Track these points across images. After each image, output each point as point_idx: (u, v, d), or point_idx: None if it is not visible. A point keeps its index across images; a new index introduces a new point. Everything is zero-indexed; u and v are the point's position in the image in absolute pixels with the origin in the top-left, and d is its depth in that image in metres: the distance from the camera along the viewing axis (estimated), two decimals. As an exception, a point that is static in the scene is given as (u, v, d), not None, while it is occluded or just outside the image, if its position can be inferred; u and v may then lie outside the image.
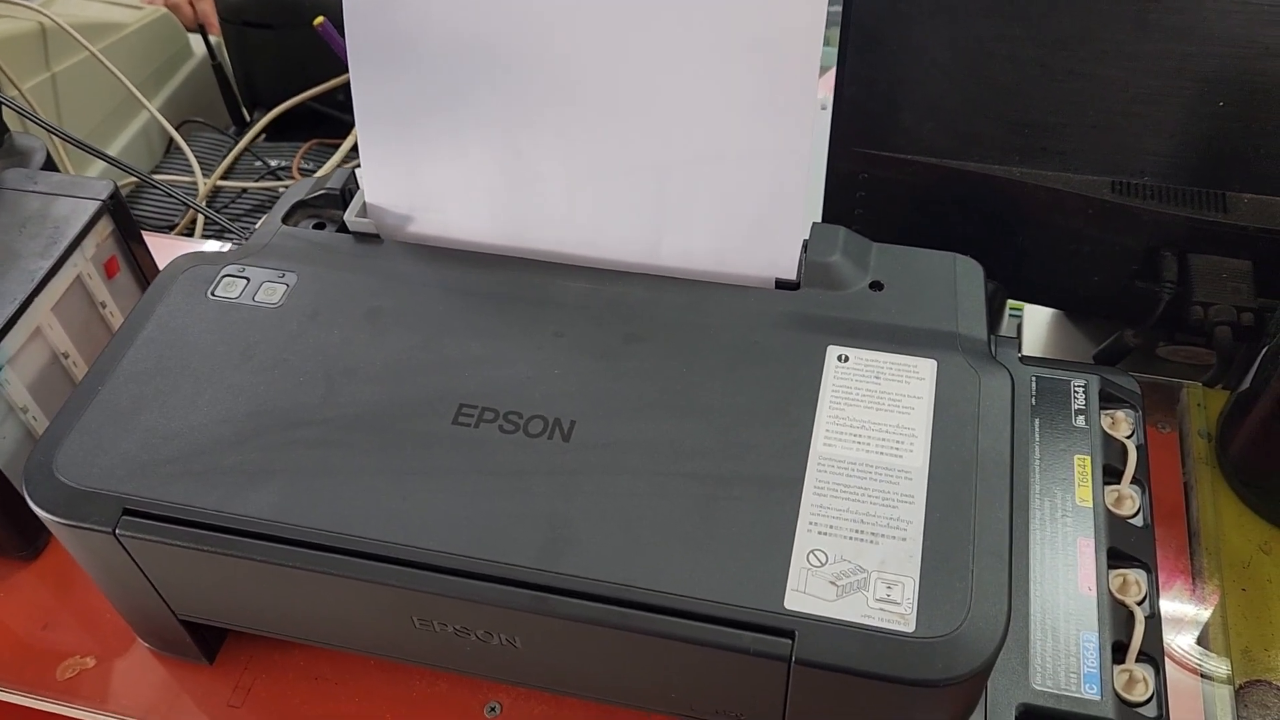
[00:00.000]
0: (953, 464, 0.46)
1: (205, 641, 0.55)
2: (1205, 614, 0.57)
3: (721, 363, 0.50)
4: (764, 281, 0.54)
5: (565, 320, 0.52)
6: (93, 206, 0.62)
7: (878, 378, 0.49)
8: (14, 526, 0.59)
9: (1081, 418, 0.54)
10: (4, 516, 0.58)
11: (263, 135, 1.14)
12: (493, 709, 0.54)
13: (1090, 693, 0.45)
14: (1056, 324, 0.81)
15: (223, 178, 1.07)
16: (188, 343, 0.52)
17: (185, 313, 0.54)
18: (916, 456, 0.46)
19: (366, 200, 0.57)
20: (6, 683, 0.56)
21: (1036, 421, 0.54)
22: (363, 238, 0.58)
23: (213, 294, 0.54)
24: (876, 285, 0.53)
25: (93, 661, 0.57)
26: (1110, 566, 0.49)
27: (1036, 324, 0.82)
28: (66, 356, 0.61)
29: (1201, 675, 0.54)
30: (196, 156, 1.08)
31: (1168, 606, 0.56)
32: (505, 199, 0.56)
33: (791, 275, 0.54)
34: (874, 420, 0.47)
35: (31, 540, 0.60)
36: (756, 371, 0.49)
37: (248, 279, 0.55)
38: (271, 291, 0.54)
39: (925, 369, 0.49)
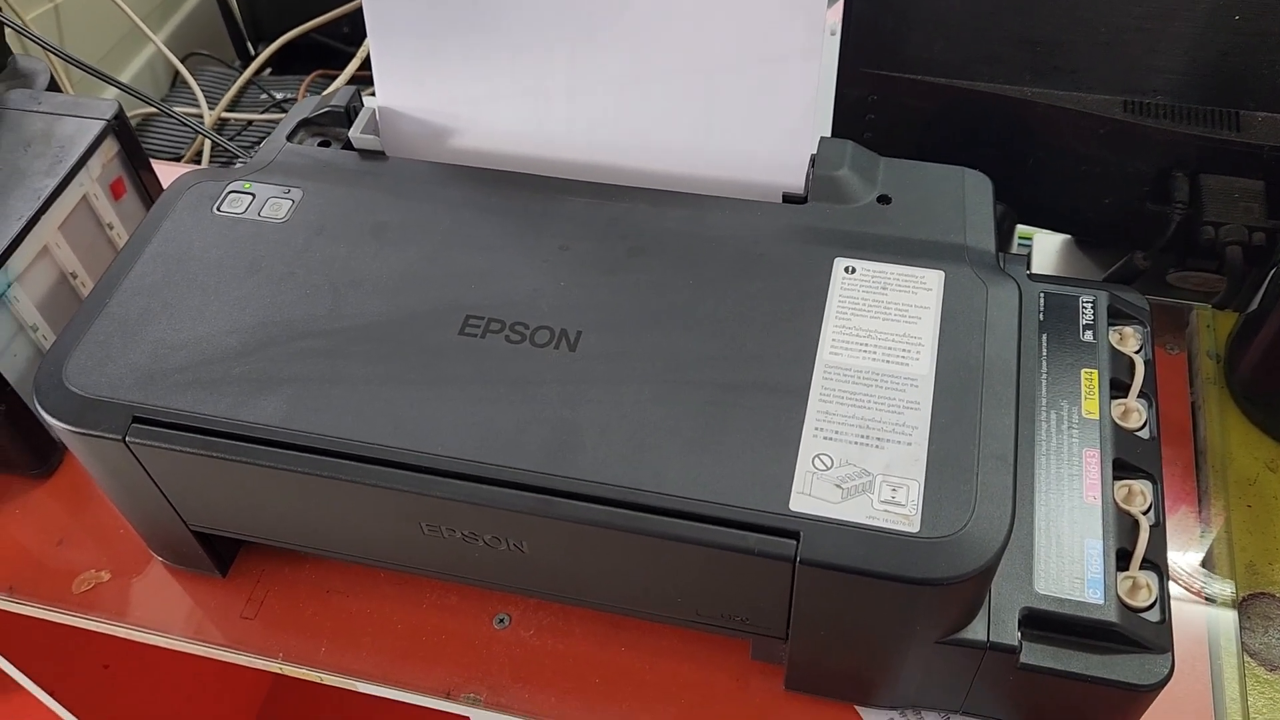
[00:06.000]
0: (959, 371, 0.46)
1: (218, 554, 0.55)
2: (1210, 536, 0.57)
3: (727, 274, 0.50)
4: (771, 194, 0.54)
5: (570, 234, 0.52)
6: (98, 126, 0.61)
7: (885, 288, 0.49)
8: (27, 443, 0.59)
9: (1090, 332, 0.54)
10: (17, 433, 0.58)
11: (268, 69, 1.13)
12: (501, 620, 0.55)
13: (1094, 597, 0.45)
14: (1065, 252, 0.80)
15: (228, 110, 1.06)
16: (194, 257, 0.52)
17: (191, 228, 0.54)
18: (923, 364, 0.46)
19: (379, 113, 0.57)
20: (23, 596, 0.57)
21: (1044, 337, 0.53)
22: (367, 155, 0.57)
23: (218, 209, 0.54)
24: (884, 199, 0.53)
25: (108, 576, 0.58)
26: (1116, 477, 0.49)
27: (1045, 253, 0.81)
28: (75, 277, 0.61)
29: (1205, 597, 0.55)
30: (201, 90, 1.07)
31: (1173, 528, 0.56)
32: (511, 113, 0.56)
33: (799, 188, 0.53)
34: (881, 329, 0.47)
35: (45, 458, 0.61)
36: (763, 283, 0.49)
37: (253, 195, 0.55)
38: (277, 207, 0.54)
39: (932, 280, 0.49)
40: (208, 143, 0.99)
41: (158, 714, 0.85)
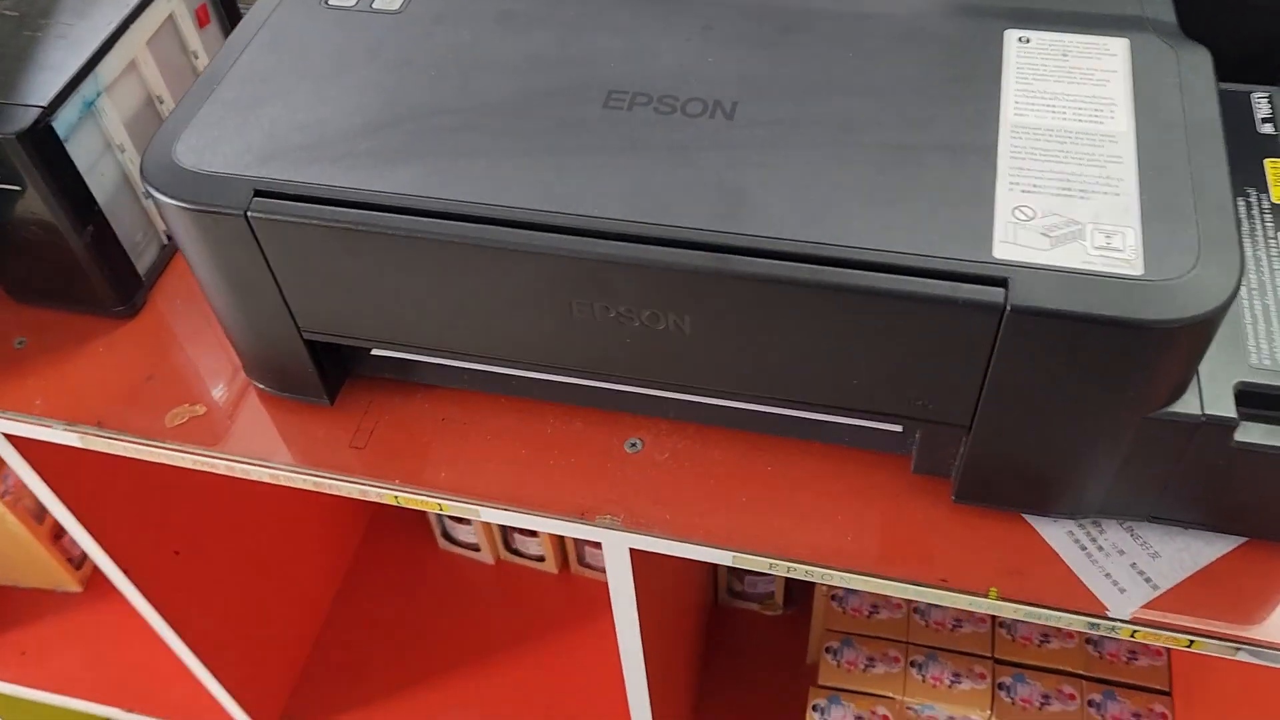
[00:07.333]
0: (1160, 128, 0.42)
1: (327, 377, 0.51)
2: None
3: (890, 47, 0.46)
4: (924, -21, 0.50)
5: (712, 15, 0.48)
6: (183, -56, 0.58)
7: (1065, 55, 0.45)
8: (113, 275, 0.55)
9: (1268, 125, 0.50)
10: (103, 262, 0.54)
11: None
12: (634, 444, 0.51)
13: (1313, 370, 0.41)
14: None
15: None
16: (306, 45, 0.48)
17: (300, 18, 0.50)
18: (1120, 122, 0.42)
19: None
20: (113, 429, 0.53)
21: (1219, 130, 0.50)
22: (480, -45, 0.54)
23: (327, 3, 0.50)
24: (1049, -22, 0.49)
25: (203, 409, 0.54)
26: (1315, 262, 0.45)
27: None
28: (160, 101, 0.58)
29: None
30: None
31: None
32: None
33: (955, -30, 0.50)
34: (1067, 92, 0.43)
35: (129, 295, 0.57)
36: (929, 53, 0.45)
37: (362, -10, 0.51)
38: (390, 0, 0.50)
39: (1116, 46, 0.45)
40: None
41: (225, 602, 0.81)
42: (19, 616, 1.01)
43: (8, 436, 0.58)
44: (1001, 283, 0.37)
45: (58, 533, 0.99)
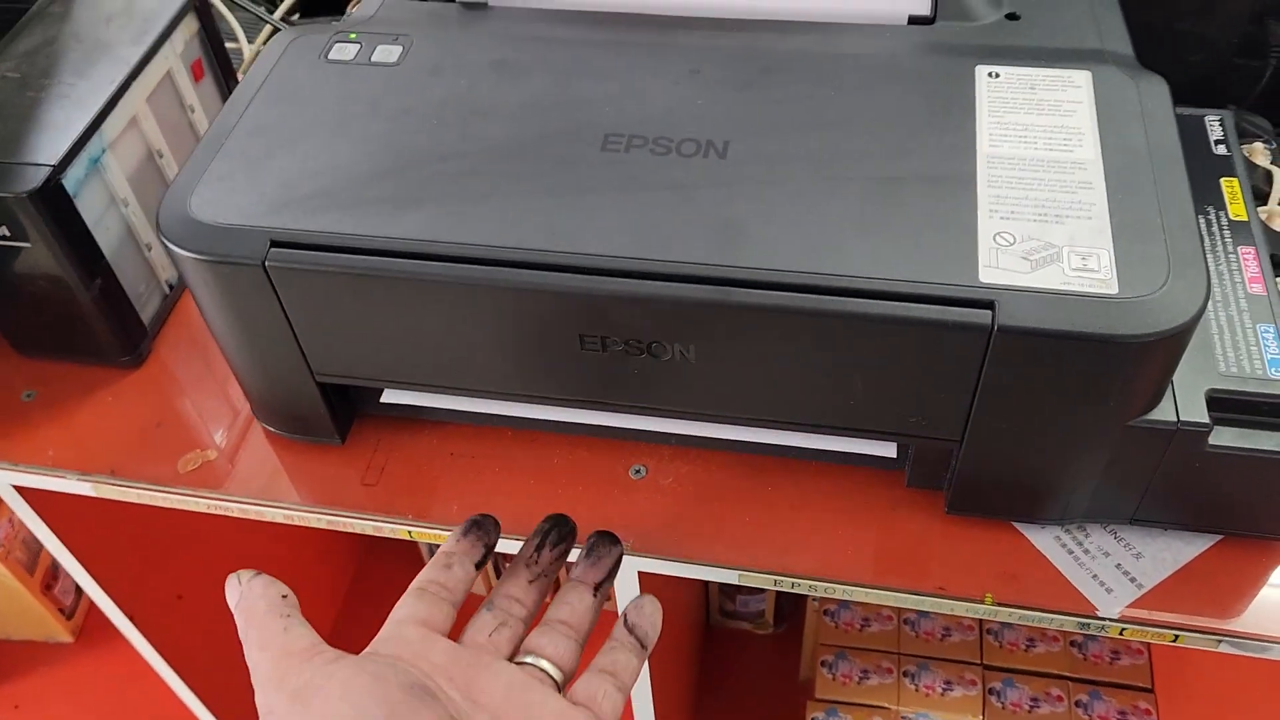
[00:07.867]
0: (1125, 154, 0.45)
1: (337, 417, 0.53)
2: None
3: (868, 85, 0.48)
4: (895, 19, 0.53)
5: (698, 60, 0.51)
6: (178, 2, 0.59)
7: (1033, 88, 0.48)
8: (119, 326, 0.57)
9: (1222, 147, 0.53)
10: (111, 313, 0.56)
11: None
12: (638, 471, 0.53)
13: (1276, 374, 0.44)
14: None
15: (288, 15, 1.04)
16: (308, 99, 0.50)
17: (301, 74, 0.52)
18: (1087, 150, 0.45)
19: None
20: (127, 477, 0.54)
21: (1177, 152, 0.53)
22: (471, 6, 0.56)
23: (327, 58, 0.52)
24: (1013, 16, 0.52)
25: (214, 454, 0.55)
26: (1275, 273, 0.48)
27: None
28: (160, 155, 0.59)
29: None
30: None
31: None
32: (620, -46, 0.54)
33: (925, 10, 0.52)
34: (1037, 123, 0.46)
35: (135, 345, 0.58)
36: (905, 90, 0.48)
37: (360, 44, 0.53)
38: (388, 53, 0.52)
39: (1080, 79, 0.48)
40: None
41: (227, 644, 0.82)
42: (11, 669, 1.00)
43: (16, 488, 0.58)
44: (988, 305, 0.40)
45: (48, 583, 0.98)
